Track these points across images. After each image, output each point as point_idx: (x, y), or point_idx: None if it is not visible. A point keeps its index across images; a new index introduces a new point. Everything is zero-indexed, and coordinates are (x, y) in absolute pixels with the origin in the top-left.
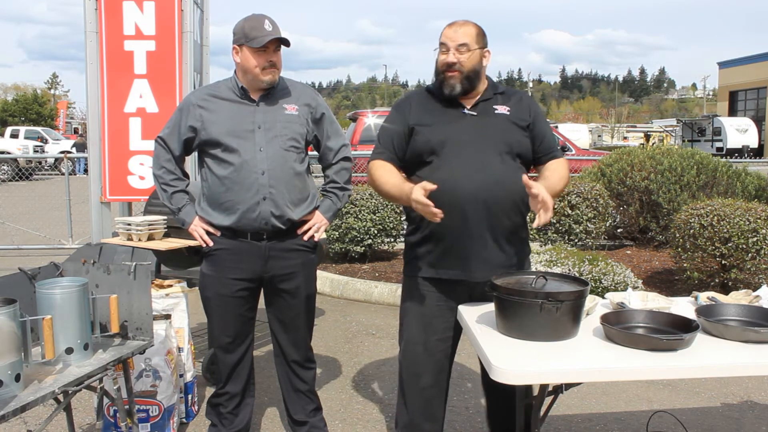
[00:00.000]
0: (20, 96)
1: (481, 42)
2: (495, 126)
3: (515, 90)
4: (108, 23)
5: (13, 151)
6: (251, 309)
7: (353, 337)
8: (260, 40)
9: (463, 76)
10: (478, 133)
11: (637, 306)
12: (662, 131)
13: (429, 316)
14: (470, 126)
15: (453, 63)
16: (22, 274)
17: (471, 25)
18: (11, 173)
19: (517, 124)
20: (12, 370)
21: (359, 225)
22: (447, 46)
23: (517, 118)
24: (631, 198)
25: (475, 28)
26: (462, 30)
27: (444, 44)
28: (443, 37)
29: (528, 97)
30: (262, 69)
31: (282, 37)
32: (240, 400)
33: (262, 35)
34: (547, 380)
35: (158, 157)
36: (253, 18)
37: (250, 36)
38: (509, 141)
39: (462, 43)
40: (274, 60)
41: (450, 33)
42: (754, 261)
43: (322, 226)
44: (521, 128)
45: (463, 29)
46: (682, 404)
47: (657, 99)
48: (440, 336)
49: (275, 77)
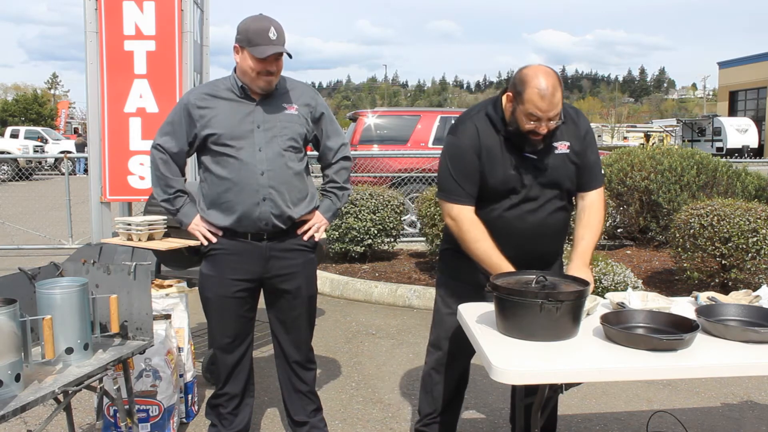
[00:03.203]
0: (20, 96)
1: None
2: (555, 166)
3: (570, 112)
4: (108, 23)
5: (13, 151)
6: (251, 309)
7: (353, 337)
8: (262, 51)
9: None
10: (539, 179)
11: (637, 306)
12: (662, 131)
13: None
14: (532, 171)
15: (545, 132)
16: (22, 274)
17: (559, 89)
18: (11, 173)
19: (574, 160)
20: (12, 370)
21: (359, 225)
22: (540, 118)
23: (575, 152)
24: (631, 198)
25: (561, 86)
26: (555, 101)
27: (536, 116)
28: (535, 110)
29: (583, 119)
30: (258, 75)
31: (284, 51)
32: (240, 401)
33: (265, 45)
34: (547, 380)
35: (155, 160)
36: (260, 21)
37: (253, 42)
38: (566, 178)
39: (555, 115)
40: (273, 69)
41: (544, 106)
42: (754, 261)
43: (322, 225)
44: (577, 162)
45: (556, 99)
46: (682, 404)
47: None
48: None
49: (272, 85)
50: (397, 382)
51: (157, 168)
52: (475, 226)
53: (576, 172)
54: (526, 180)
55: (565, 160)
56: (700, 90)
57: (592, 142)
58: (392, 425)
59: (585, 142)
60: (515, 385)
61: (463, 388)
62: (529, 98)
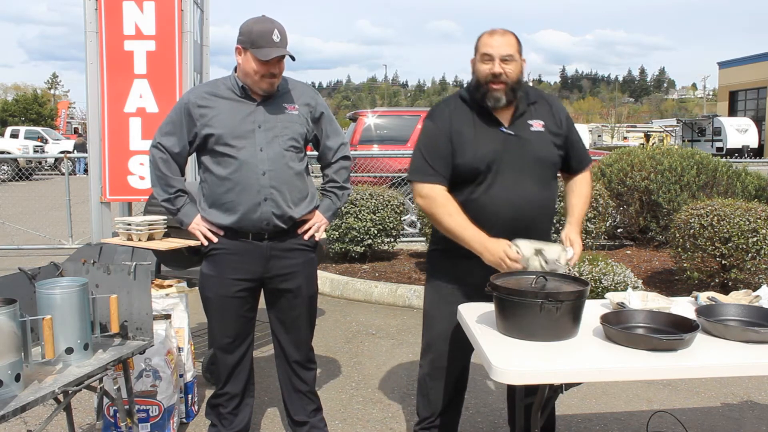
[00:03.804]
0: (20, 96)
1: (521, 51)
2: (532, 145)
3: (544, 95)
4: (108, 23)
5: (13, 151)
6: (251, 309)
7: (353, 337)
8: (266, 53)
9: (509, 88)
10: (517, 155)
11: (637, 306)
12: (662, 131)
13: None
14: (509, 148)
15: (499, 74)
16: (22, 274)
17: (511, 34)
18: (11, 173)
19: (552, 139)
20: (12, 370)
21: (359, 225)
22: (491, 56)
23: (551, 132)
24: (631, 198)
25: (515, 38)
26: (505, 39)
27: (488, 54)
28: (486, 47)
29: (557, 102)
30: (261, 77)
31: (288, 53)
32: (240, 401)
33: (268, 47)
34: (547, 380)
35: (155, 160)
36: (263, 23)
37: (256, 44)
38: (546, 159)
39: (507, 54)
40: (276, 71)
41: (494, 42)
42: (754, 261)
43: (323, 225)
44: (555, 142)
45: (506, 39)
46: (682, 404)
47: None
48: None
49: (274, 87)
50: (397, 382)
51: (158, 167)
52: (447, 200)
53: (563, 157)
54: (505, 156)
55: (542, 138)
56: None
57: (572, 125)
58: (392, 425)
59: (565, 124)
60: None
61: (462, 391)
62: (481, 41)
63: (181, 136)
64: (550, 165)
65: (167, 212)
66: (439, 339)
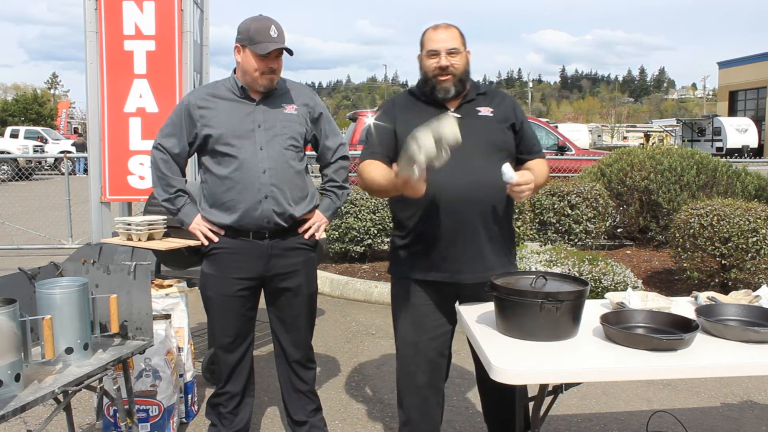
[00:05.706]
0: (20, 96)
1: (465, 44)
2: (479, 127)
3: (497, 91)
4: (108, 23)
5: (13, 151)
6: (252, 308)
7: (353, 337)
8: (264, 47)
9: (457, 79)
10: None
11: (637, 306)
12: (662, 131)
13: (419, 315)
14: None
15: (446, 66)
16: (22, 274)
17: (455, 28)
18: (11, 173)
19: (501, 126)
20: (12, 370)
21: (359, 225)
22: (437, 51)
23: (500, 119)
24: (631, 198)
25: (459, 31)
26: (449, 33)
27: (434, 50)
28: (431, 43)
29: (510, 98)
30: (261, 73)
31: (286, 47)
32: (240, 400)
33: (266, 41)
34: (547, 380)
35: (156, 160)
36: (260, 20)
37: (254, 40)
38: (494, 141)
39: (452, 47)
40: (275, 67)
41: (438, 37)
42: (754, 261)
43: (323, 224)
44: (505, 129)
45: (450, 32)
46: (682, 404)
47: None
48: (431, 335)
49: (273, 83)
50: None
51: (158, 168)
52: (372, 164)
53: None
54: None
55: (491, 123)
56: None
57: (525, 118)
58: (392, 425)
59: (515, 115)
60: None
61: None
62: (426, 37)
63: (181, 137)
64: (500, 149)
65: (168, 212)
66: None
